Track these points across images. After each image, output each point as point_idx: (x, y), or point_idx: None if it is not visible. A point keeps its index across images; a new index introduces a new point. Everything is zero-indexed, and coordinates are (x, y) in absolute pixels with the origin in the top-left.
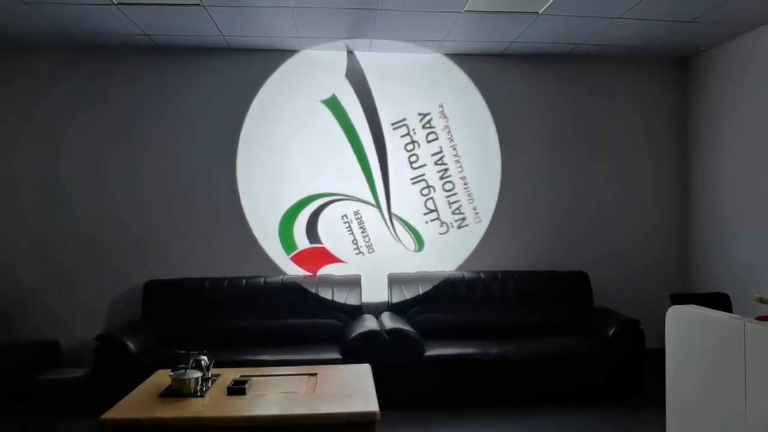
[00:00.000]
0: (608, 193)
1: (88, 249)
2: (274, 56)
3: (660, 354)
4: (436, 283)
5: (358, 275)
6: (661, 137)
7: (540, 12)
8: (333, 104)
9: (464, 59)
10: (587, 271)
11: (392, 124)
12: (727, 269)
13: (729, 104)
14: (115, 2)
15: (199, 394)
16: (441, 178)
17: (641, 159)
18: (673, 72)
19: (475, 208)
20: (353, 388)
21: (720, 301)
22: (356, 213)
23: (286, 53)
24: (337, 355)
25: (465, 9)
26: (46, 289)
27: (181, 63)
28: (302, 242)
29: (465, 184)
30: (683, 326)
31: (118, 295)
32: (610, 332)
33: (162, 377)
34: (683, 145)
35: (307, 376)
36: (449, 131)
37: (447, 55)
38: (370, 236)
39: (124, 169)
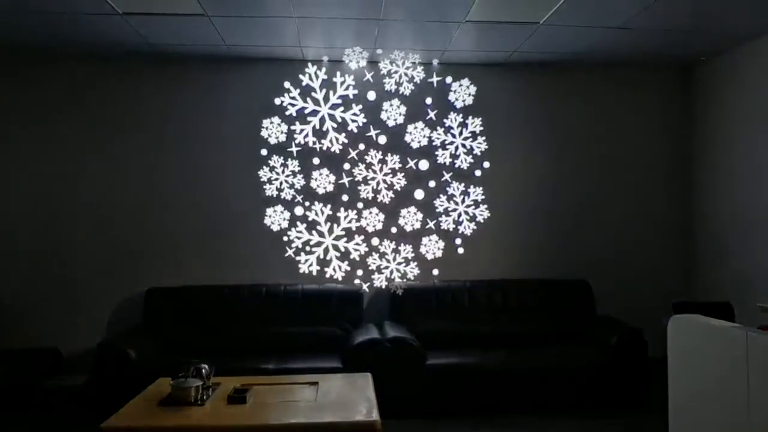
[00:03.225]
0: (610, 202)
1: (89, 256)
2: (277, 65)
3: (663, 363)
4: (437, 292)
5: (360, 284)
6: (662, 146)
7: (541, 22)
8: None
9: (466, 68)
10: (589, 280)
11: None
12: (730, 278)
13: (730, 113)
14: (120, 12)
15: (199, 402)
16: (441, 186)
17: (643, 167)
18: (674, 81)
19: (475, 217)
20: (354, 397)
21: (723, 310)
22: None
23: (289, 62)
24: (338, 364)
25: (467, 19)
26: (48, 296)
27: (185, 72)
28: None
29: (465, 192)
30: (685, 335)
31: (119, 303)
32: (612, 341)
33: (163, 385)
34: (685, 153)
35: (308, 385)
36: (450, 139)
37: (449, 64)
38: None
39: (125, 177)
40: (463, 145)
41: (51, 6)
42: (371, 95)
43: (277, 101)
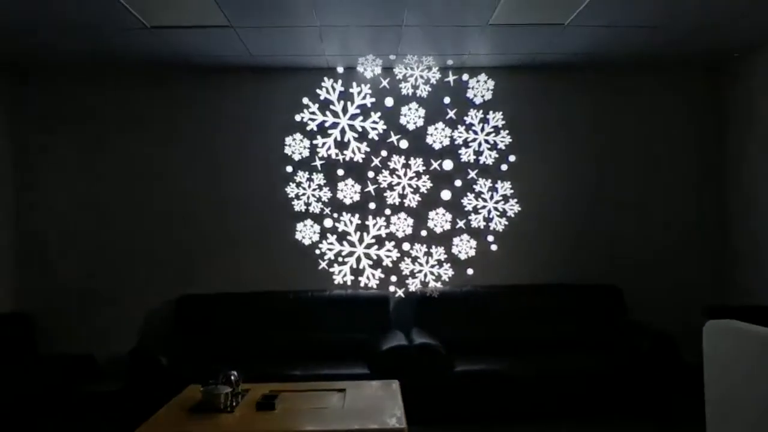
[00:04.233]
0: (640, 204)
1: (124, 264)
2: (302, 75)
3: (697, 370)
4: (464, 297)
5: (387, 290)
6: (693, 146)
7: (566, 23)
8: None
9: (489, 72)
10: (620, 284)
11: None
12: (765, 282)
13: (761, 111)
14: (149, 26)
15: (229, 409)
16: (467, 184)
17: (675, 168)
18: (707, 79)
19: (506, 212)
20: (382, 404)
21: (760, 315)
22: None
23: (314, 72)
24: (365, 370)
25: (490, 22)
26: (84, 304)
27: (213, 82)
28: None
29: (493, 187)
30: (722, 342)
31: (153, 309)
32: (645, 348)
33: (193, 392)
34: (717, 153)
35: (335, 392)
36: (472, 136)
37: (472, 68)
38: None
39: (158, 186)
40: (486, 141)
41: (83, 21)
42: (389, 101)
43: (298, 118)
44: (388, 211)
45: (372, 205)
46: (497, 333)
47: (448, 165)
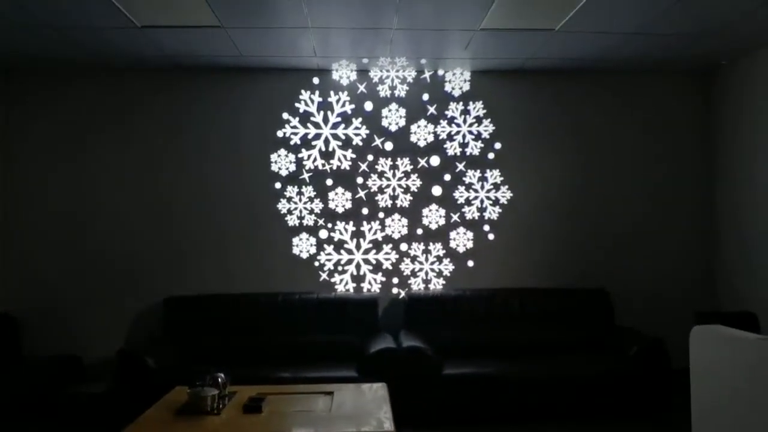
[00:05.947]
0: (630, 209)
1: (110, 264)
2: (293, 75)
3: (686, 374)
4: (453, 300)
5: (376, 293)
6: (683, 152)
7: (556, 28)
8: None
9: (479, 76)
10: (609, 289)
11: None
12: (755, 287)
13: (752, 117)
14: (139, 25)
15: (215, 411)
16: (457, 177)
17: (664, 174)
18: (695, 86)
19: (498, 200)
20: (369, 407)
21: (747, 321)
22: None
23: (305, 72)
24: (353, 373)
25: (481, 27)
26: (70, 304)
27: (203, 82)
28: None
29: (482, 177)
30: (708, 347)
31: (140, 311)
32: (633, 351)
33: (180, 394)
34: (706, 159)
35: (323, 395)
36: (455, 129)
37: (462, 72)
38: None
39: (146, 187)
40: (470, 132)
41: (73, 19)
42: (368, 105)
43: (280, 134)
44: (381, 215)
45: (365, 211)
46: (486, 336)
47: (435, 161)
